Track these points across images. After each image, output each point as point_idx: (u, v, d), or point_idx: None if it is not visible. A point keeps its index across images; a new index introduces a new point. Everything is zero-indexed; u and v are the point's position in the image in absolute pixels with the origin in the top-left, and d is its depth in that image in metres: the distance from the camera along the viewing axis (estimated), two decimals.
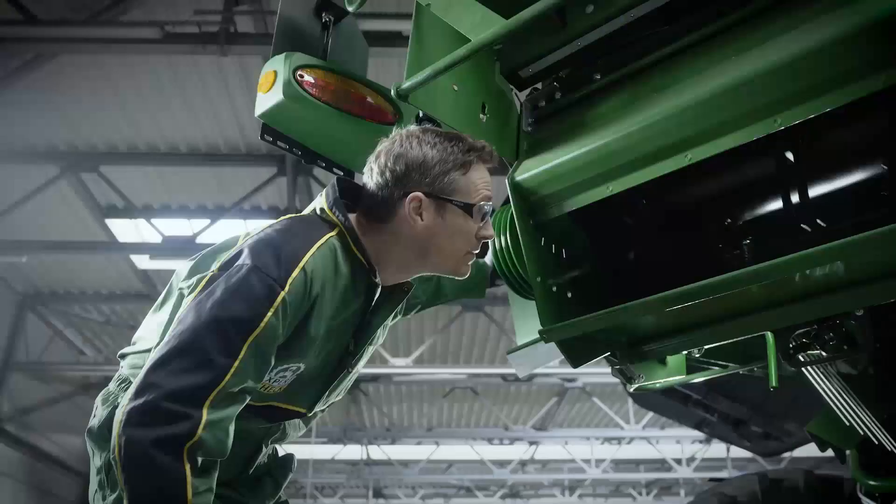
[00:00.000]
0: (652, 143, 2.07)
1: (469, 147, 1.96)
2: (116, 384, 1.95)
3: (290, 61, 2.41)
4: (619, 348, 2.54)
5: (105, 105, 7.69)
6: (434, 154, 1.93)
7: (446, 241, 1.95)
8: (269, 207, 9.26)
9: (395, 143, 1.97)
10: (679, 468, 17.10)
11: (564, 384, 13.58)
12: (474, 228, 1.97)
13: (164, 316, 1.94)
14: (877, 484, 3.44)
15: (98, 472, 1.86)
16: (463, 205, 1.94)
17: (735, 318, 2.29)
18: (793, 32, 1.85)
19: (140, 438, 1.55)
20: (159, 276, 10.55)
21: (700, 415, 4.88)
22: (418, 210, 1.92)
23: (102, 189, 8.74)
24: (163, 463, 1.54)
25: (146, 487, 1.54)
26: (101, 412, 1.90)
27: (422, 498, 21.44)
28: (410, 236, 1.94)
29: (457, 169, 1.94)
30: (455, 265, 2.00)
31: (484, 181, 1.99)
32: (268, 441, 2.07)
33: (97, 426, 1.89)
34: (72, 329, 12.15)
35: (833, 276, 2.06)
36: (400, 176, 1.92)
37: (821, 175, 2.19)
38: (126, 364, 1.98)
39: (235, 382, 1.66)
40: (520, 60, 2.45)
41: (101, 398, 1.96)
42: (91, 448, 1.90)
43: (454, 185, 1.93)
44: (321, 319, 1.84)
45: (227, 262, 1.78)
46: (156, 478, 1.54)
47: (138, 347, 1.99)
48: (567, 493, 21.00)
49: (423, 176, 1.91)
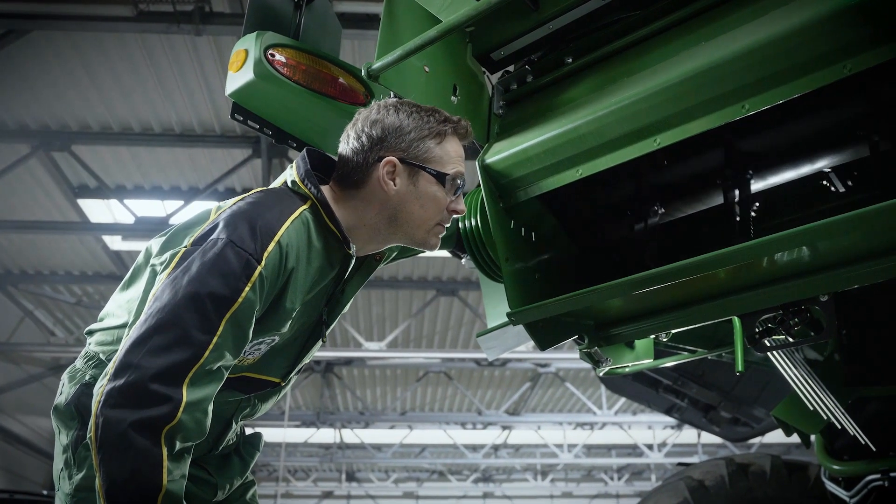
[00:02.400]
0: (622, 127, 2.09)
1: (445, 118, 1.98)
2: (83, 361, 1.93)
3: (261, 40, 2.39)
4: (586, 331, 2.56)
5: (78, 83, 7.57)
6: (410, 122, 1.95)
7: (417, 208, 1.96)
8: (244, 189, 9.19)
9: (372, 111, 1.99)
10: (650, 453, 17.27)
11: (538, 369, 13.64)
12: (446, 200, 1.98)
13: (135, 293, 1.92)
14: (840, 468, 3.50)
15: (64, 450, 1.84)
16: (436, 173, 1.95)
17: (702, 303, 2.32)
18: (761, 19, 1.87)
19: (118, 420, 1.53)
20: (132, 257, 10.45)
21: (670, 400, 4.92)
22: (392, 175, 1.93)
23: (74, 168, 8.63)
24: (140, 446, 1.53)
25: (122, 470, 1.53)
26: (68, 389, 1.89)
27: (395, 481, 21.52)
28: (382, 201, 1.95)
29: (432, 137, 1.95)
30: (424, 235, 2.01)
31: (458, 154, 2.00)
32: (238, 417, 2.07)
33: (63, 403, 1.87)
34: (42, 310, 12.02)
35: (799, 262, 2.09)
36: (376, 140, 1.94)
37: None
38: (94, 341, 1.97)
39: (214, 359, 1.65)
40: (492, 43, 2.45)
41: (67, 375, 1.94)
42: (57, 426, 1.88)
43: (428, 153, 1.95)
44: (296, 293, 1.84)
45: (201, 236, 1.76)
46: (132, 460, 1.53)
47: (106, 324, 1.97)
48: (539, 478, 21.16)
49: (398, 141, 1.93)
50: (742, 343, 2.29)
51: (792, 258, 2.08)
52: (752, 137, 2.28)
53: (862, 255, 1.97)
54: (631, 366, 2.87)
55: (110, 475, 1.52)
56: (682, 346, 3.00)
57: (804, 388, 2.68)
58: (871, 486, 3.36)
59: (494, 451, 18.96)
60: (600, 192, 2.58)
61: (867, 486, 3.37)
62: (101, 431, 1.54)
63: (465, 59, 2.45)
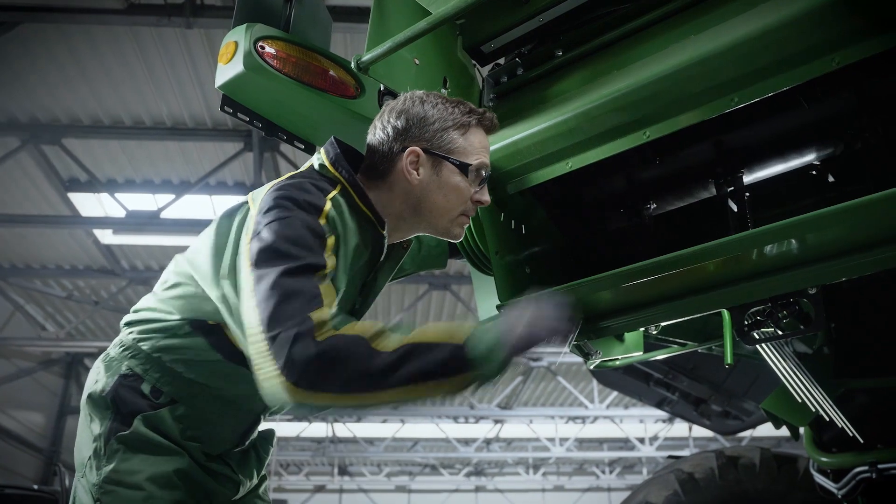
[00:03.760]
0: (611, 120, 2.09)
1: (470, 110, 2.00)
2: (119, 350, 1.90)
3: (251, 32, 2.38)
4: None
5: (68, 77, 7.55)
6: (435, 112, 1.96)
7: (440, 198, 1.97)
8: (236, 183, 9.19)
9: (398, 102, 2.01)
10: (642, 447, 17.34)
11: (529, 363, 13.66)
12: (469, 190, 1.99)
13: (182, 292, 1.90)
14: (829, 460, 3.52)
15: (95, 439, 1.82)
16: (459, 163, 1.96)
17: (691, 296, 2.31)
18: (750, 12, 1.87)
19: (305, 357, 1.55)
20: (122, 251, 10.44)
21: (661, 393, 4.94)
22: (415, 164, 1.95)
23: (65, 162, 8.61)
24: (390, 355, 1.59)
25: (347, 371, 1.57)
26: (105, 379, 1.86)
27: (387, 475, 21.56)
28: (406, 191, 1.97)
29: (456, 129, 1.97)
30: (448, 225, 2.02)
31: (482, 145, 2.02)
32: (266, 413, 2.08)
33: (98, 393, 1.85)
34: (33, 304, 12.01)
35: (787, 255, 2.09)
36: (400, 131, 1.96)
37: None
38: (135, 331, 1.92)
39: (332, 301, 1.68)
40: (482, 35, 2.45)
41: (103, 364, 1.91)
42: (89, 414, 1.86)
43: (452, 143, 1.96)
44: (341, 271, 1.85)
45: (266, 218, 1.75)
46: (348, 360, 1.57)
47: (149, 317, 1.92)
48: (531, 472, 21.21)
49: (422, 131, 1.95)
50: (731, 336, 2.31)
51: (780, 251, 2.08)
52: (742, 130, 2.28)
53: (850, 247, 1.97)
54: (621, 359, 2.87)
55: (430, 365, 1.59)
56: (672, 340, 3.01)
57: (793, 380, 2.69)
58: (859, 478, 3.38)
59: (486, 444, 19.00)
60: (590, 185, 2.58)
61: (855, 477, 3.39)
62: (374, 380, 1.57)
63: (456, 51, 2.45)
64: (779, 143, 2.18)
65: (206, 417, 1.91)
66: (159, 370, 1.86)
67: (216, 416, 1.92)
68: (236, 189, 9.13)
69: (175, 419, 1.85)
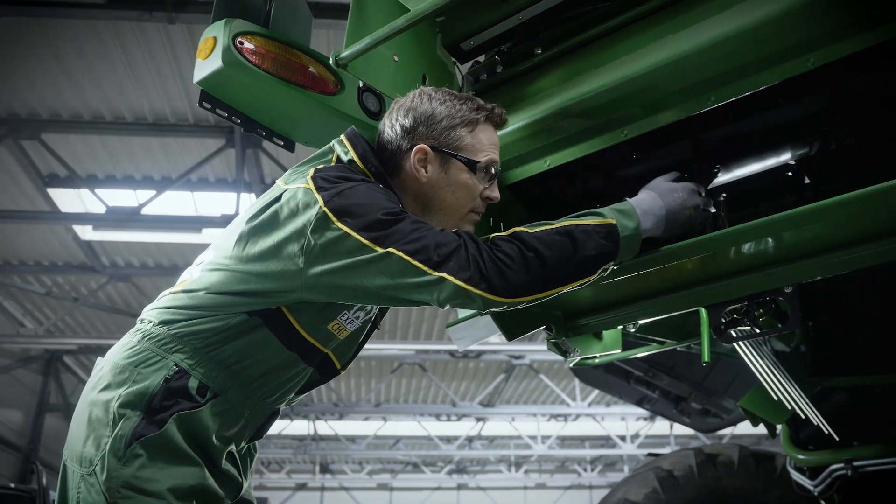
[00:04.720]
0: (589, 119, 2.10)
1: (478, 106, 2.00)
2: (158, 346, 1.85)
3: (230, 27, 2.37)
4: (554, 322, 2.57)
5: (48, 71, 7.48)
6: (442, 110, 1.97)
7: (449, 195, 1.98)
8: (217, 179, 9.13)
9: (407, 99, 2.02)
10: (623, 445, 17.39)
11: (512, 361, 13.69)
12: (478, 187, 2.00)
13: (228, 286, 1.86)
14: (805, 458, 3.54)
15: (113, 439, 1.76)
16: (467, 161, 1.97)
17: (668, 294, 2.33)
18: (727, 12, 1.89)
19: (492, 265, 1.74)
20: (103, 247, 10.37)
21: (642, 391, 4.96)
22: (423, 162, 1.96)
23: (44, 157, 8.53)
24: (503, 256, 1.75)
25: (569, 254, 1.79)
26: (151, 378, 1.81)
27: (369, 473, 21.54)
28: (416, 189, 1.98)
29: (464, 126, 1.97)
30: (458, 222, 2.02)
31: (491, 142, 2.02)
32: (283, 407, 2.09)
33: (136, 392, 1.79)
34: (11, 301, 11.90)
35: (764, 253, 2.11)
36: (408, 129, 1.97)
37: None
38: (178, 326, 1.86)
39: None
40: (462, 33, 2.46)
41: (129, 362, 1.84)
42: (106, 411, 1.79)
43: (460, 141, 1.97)
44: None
45: (339, 187, 1.80)
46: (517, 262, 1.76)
47: (188, 315, 1.87)
48: (513, 469, 21.26)
49: (429, 129, 1.96)
50: (708, 334, 2.32)
51: (757, 249, 2.10)
52: (719, 129, 2.29)
53: (825, 246, 1.99)
54: (599, 356, 2.89)
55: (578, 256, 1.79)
56: (651, 338, 3.02)
57: (770, 378, 2.70)
58: (834, 476, 3.41)
59: (469, 442, 19.01)
60: (569, 182, 2.59)
61: (831, 475, 3.42)
62: (534, 271, 1.77)
63: (435, 48, 2.45)
64: (755, 142, 2.19)
65: (241, 411, 1.90)
66: (206, 365, 1.83)
67: (248, 410, 1.92)
68: (218, 185, 9.07)
69: (214, 416, 1.84)
